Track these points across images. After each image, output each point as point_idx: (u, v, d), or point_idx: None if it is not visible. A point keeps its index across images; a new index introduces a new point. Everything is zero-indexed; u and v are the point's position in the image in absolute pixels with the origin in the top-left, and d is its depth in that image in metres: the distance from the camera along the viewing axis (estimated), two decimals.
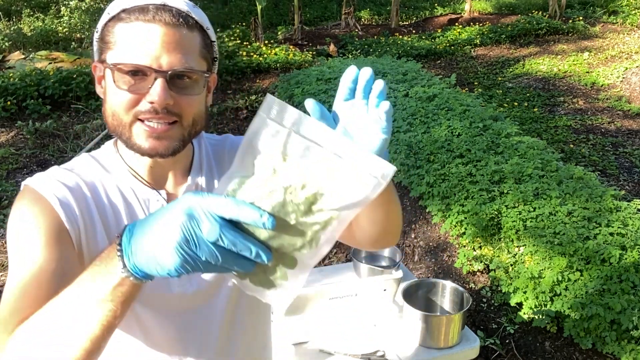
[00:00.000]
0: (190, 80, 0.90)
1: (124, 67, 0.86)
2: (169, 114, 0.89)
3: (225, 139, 1.12)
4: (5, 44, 9.44)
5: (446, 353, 1.81)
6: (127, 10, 0.88)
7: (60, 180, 0.93)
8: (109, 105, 0.91)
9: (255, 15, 9.19)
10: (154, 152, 0.91)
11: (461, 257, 3.27)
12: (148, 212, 0.97)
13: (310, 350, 1.78)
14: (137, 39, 0.86)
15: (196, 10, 0.93)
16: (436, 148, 4.07)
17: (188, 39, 0.89)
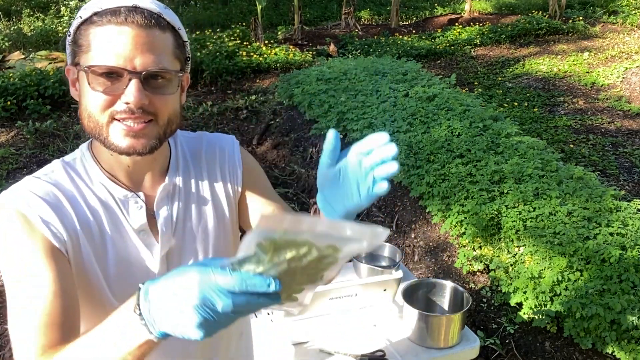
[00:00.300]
0: (164, 80, 0.92)
1: (98, 69, 0.88)
2: (145, 114, 0.90)
3: (200, 137, 1.14)
4: (5, 44, 9.44)
5: (446, 353, 1.81)
6: (99, 13, 0.89)
7: (37, 193, 0.93)
8: (84, 107, 0.92)
9: (255, 15, 9.18)
10: (132, 150, 0.92)
11: (461, 257, 3.27)
12: (127, 213, 0.99)
13: (310, 350, 1.78)
14: (110, 42, 0.87)
15: (167, 12, 0.94)
16: (436, 148, 4.07)
17: (160, 40, 0.90)
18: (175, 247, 1.04)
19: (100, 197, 0.98)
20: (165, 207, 1.02)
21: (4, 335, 2.94)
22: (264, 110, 6.18)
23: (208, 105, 6.24)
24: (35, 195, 0.93)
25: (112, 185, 0.99)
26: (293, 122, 5.61)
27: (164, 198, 1.03)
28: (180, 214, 1.04)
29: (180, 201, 1.05)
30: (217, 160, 1.11)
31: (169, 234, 1.02)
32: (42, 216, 0.91)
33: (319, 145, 4.96)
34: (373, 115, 4.83)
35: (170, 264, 1.03)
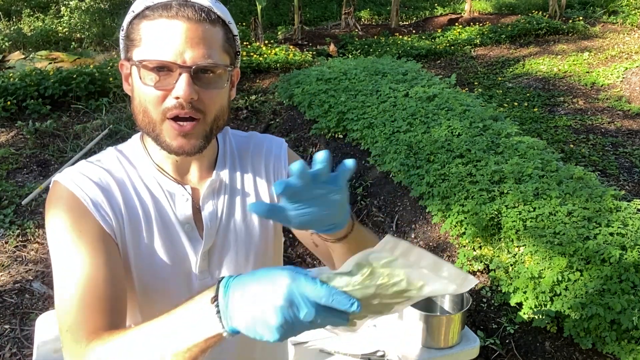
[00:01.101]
0: (214, 74, 0.92)
1: (149, 63, 0.88)
2: (194, 109, 0.90)
3: (250, 137, 1.14)
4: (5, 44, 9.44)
5: (446, 353, 1.81)
6: (151, 7, 0.90)
7: (90, 177, 0.95)
8: (139, 102, 0.92)
9: (255, 15, 9.18)
10: (181, 151, 0.93)
11: (461, 257, 3.27)
12: (174, 206, 1.00)
13: (310, 350, 1.78)
14: (161, 36, 0.88)
15: (218, 5, 0.94)
16: (436, 148, 4.07)
17: (210, 34, 0.90)
18: (217, 243, 1.04)
19: (149, 187, 1.00)
20: (211, 202, 1.03)
21: (4, 335, 2.95)
22: (264, 110, 6.18)
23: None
24: (87, 178, 0.95)
25: (161, 177, 1.00)
26: (293, 122, 5.60)
27: (210, 193, 1.03)
28: (225, 210, 1.05)
29: (226, 197, 1.05)
30: (263, 160, 1.11)
31: (213, 230, 1.03)
32: (93, 199, 0.93)
33: (319, 146, 4.96)
34: (373, 115, 4.83)
35: (211, 261, 1.03)
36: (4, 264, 3.51)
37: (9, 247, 3.67)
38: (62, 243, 0.91)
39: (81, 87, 6.17)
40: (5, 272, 3.45)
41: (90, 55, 8.80)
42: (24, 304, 3.17)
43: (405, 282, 0.70)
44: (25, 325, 3.01)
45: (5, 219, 3.94)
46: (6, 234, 3.79)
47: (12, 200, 4.20)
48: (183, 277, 1.01)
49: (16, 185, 4.49)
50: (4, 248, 3.67)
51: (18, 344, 2.89)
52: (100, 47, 9.65)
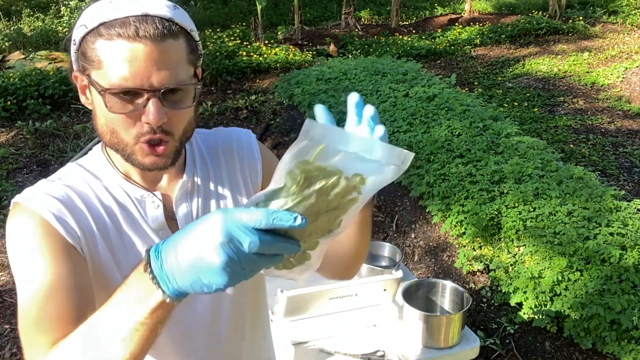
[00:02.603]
0: (183, 92, 0.90)
1: (114, 90, 0.85)
2: (164, 133, 0.89)
3: (215, 133, 1.12)
4: (5, 44, 9.44)
5: (446, 353, 1.81)
6: (107, 24, 0.84)
7: (51, 194, 0.92)
8: (105, 123, 0.89)
9: (255, 15, 9.18)
10: (154, 167, 0.92)
11: (461, 257, 3.27)
12: (144, 212, 0.98)
13: (310, 350, 1.78)
14: (123, 61, 0.83)
15: (178, 12, 0.89)
16: (436, 148, 4.07)
17: (175, 50, 0.86)
18: None
19: (116, 197, 0.97)
20: (185, 205, 1.01)
21: (4, 334, 2.95)
22: (264, 110, 6.18)
23: (208, 105, 6.24)
24: (48, 196, 0.92)
25: (127, 185, 0.98)
26: (293, 122, 5.60)
27: (182, 196, 1.01)
28: (200, 211, 1.02)
29: (200, 198, 1.03)
30: (235, 154, 1.09)
31: None
32: (55, 214, 0.90)
33: None
34: None
35: None
36: (4, 264, 3.51)
37: None
38: (23, 255, 0.88)
39: None
40: (5, 272, 3.45)
41: None
42: None
43: (344, 179, 0.66)
44: None
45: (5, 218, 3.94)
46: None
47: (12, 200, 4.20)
48: None
49: (16, 185, 4.49)
50: (4, 248, 3.67)
51: (18, 344, 2.89)
52: None
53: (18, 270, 0.88)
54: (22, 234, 0.89)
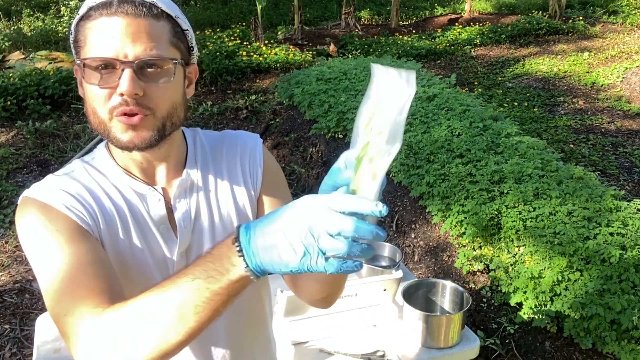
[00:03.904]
0: (161, 69, 0.89)
1: (91, 62, 0.87)
2: (140, 106, 0.88)
3: (223, 135, 1.12)
4: (5, 44, 9.44)
5: (446, 353, 1.81)
6: (93, 7, 0.89)
7: (60, 187, 0.94)
8: (88, 103, 0.91)
9: (255, 15, 9.18)
10: (132, 144, 0.90)
11: (461, 257, 3.27)
12: (147, 207, 0.99)
13: (310, 350, 1.78)
14: (102, 34, 0.87)
15: (164, 0, 0.92)
16: (436, 148, 4.07)
17: (154, 28, 0.88)
18: (193, 244, 1.03)
19: (120, 190, 0.98)
20: (184, 201, 1.02)
21: (4, 335, 2.95)
22: (264, 110, 6.18)
23: (208, 105, 6.24)
24: (56, 188, 0.94)
25: (129, 180, 0.99)
26: (293, 122, 5.60)
27: (181, 192, 1.02)
28: (199, 209, 1.03)
29: (199, 196, 1.04)
30: (239, 156, 1.09)
31: (188, 230, 1.01)
32: (65, 204, 0.91)
33: (319, 145, 4.96)
34: None
35: (188, 261, 1.01)
36: (4, 264, 3.51)
37: (9, 247, 3.67)
38: (39, 243, 0.89)
39: None
40: (5, 272, 3.45)
41: None
42: (24, 304, 3.17)
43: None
44: (25, 325, 3.01)
45: (5, 219, 3.94)
46: (6, 234, 3.79)
47: (12, 200, 4.20)
48: (161, 279, 0.96)
49: (16, 185, 4.49)
50: (4, 248, 3.67)
51: (18, 344, 2.89)
52: None
53: (37, 255, 0.89)
54: (35, 223, 0.90)
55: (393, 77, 0.73)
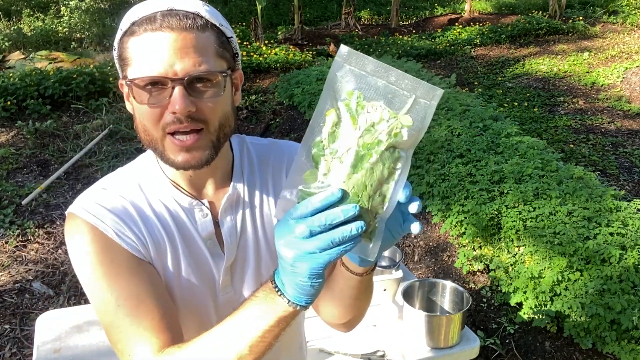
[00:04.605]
0: (211, 82, 0.87)
1: (140, 81, 0.85)
2: (194, 122, 0.86)
3: (271, 144, 1.10)
4: (5, 44, 9.44)
5: (446, 353, 1.81)
6: (136, 22, 0.86)
7: (107, 207, 0.93)
8: (139, 120, 0.89)
9: (255, 15, 9.19)
10: (187, 165, 0.90)
11: (461, 257, 3.27)
12: (195, 222, 0.99)
13: (310, 350, 1.77)
14: (148, 51, 0.84)
15: (207, 8, 0.90)
16: (436, 148, 4.07)
17: (200, 41, 0.86)
18: (238, 258, 1.02)
19: (167, 206, 0.97)
20: (230, 217, 1.00)
21: (4, 335, 2.95)
22: (264, 110, 6.18)
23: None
24: (102, 207, 0.92)
25: (177, 194, 0.98)
26: (293, 122, 5.60)
27: (228, 207, 1.00)
28: (244, 224, 1.02)
29: (245, 211, 1.02)
30: (285, 168, 1.06)
31: (234, 245, 1.01)
32: (113, 228, 0.91)
33: None
34: None
35: (233, 276, 1.02)
36: (4, 264, 3.51)
37: (9, 247, 3.67)
38: (94, 273, 0.89)
39: (81, 87, 6.17)
40: (5, 272, 3.45)
41: (90, 55, 8.79)
42: (24, 304, 3.17)
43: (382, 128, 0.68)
44: (25, 325, 3.01)
45: (5, 219, 3.94)
46: (6, 234, 3.79)
47: (12, 200, 4.20)
48: (209, 293, 1.01)
49: (16, 185, 4.49)
50: (4, 248, 3.67)
51: (18, 344, 2.89)
52: (100, 47, 9.65)
53: (93, 287, 0.89)
54: (89, 251, 0.90)
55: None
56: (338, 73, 0.70)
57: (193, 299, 0.99)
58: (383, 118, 0.69)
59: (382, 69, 0.70)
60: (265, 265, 1.05)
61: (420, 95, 0.70)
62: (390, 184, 0.70)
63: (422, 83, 0.70)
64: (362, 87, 0.69)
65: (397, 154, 0.70)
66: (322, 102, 0.70)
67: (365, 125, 0.68)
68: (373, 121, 0.68)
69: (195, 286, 0.99)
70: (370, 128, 0.68)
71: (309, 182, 0.70)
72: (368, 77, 0.69)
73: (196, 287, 0.99)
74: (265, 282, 0.78)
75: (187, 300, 0.98)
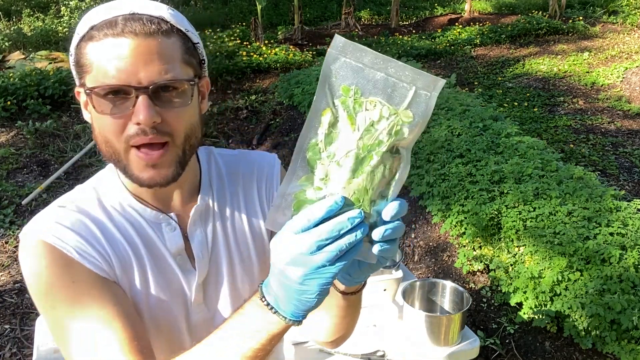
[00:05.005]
0: (177, 91, 0.82)
1: (100, 90, 0.79)
2: (159, 134, 0.81)
3: (240, 156, 1.05)
4: (5, 44, 9.43)
5: (446, 353, 1.81)
6: (96, 27, 0.80)
7: (66, 225, 0.86)
8: (99, 132, 0.84)
9: (255, 15, 9.18)
10: (153, 182, 0.85)
11: (461, 257, 3.27)
12: (161, 235, 0.93)
13: (310, 350, 1.78)
14: (109, 58, 0.78)
15: (172, 13, 0.84)
16: (436, 148, 4.07)
17: (165, 47, 0.81)
18: (211, 273, 0.97)
19: (132, 222, 0.91)
20: (199, 230, 0.95)
21: (4, 335, 2.95)
22: (264, 110, 6.18)
23: (208, 105, 6.24)
24: (62, 226, 0.86)
25: (141, 208, 0.92)
26: (293, 122, 5.60)
27: (196, 220, 0.95)
28: (215, 237, 0.97)
29: (216, 223, 0.97)
30: (255, 178, 1.02)
31: (205, 260, 0.95)
32: (75, 247, 0.85)
33: None
34: None
35: (206, 292, 0.97)
36: (4, 264, 3.51)
37: (9, 247, 3.67)
38: (56, 303, 0.82)
39: None
40: (5, 272, 3.45)
41: None
42: (24, 304, 3.17)
43: (380, 130, 0.65)
44: (25, 325, 3.01)
45: (5, 219, 3.94)
46: (6, 234, 3.79)
47: (12, 200, 4.20)
48: (181, 312, 0.95)
49: (16, 185, 4.49)
50: (4, 248, 3.67)
51: (18, 344, 2.89)
52: None
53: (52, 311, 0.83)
54: (48, 272, 0.83)
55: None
56: (333, 66, 0.66)
57: (164, 319, 0.93)
58: (383, 115, 0.65)
59: (380, 60, 0.65)
60: (240, 280, 0.99)
61: (421, 87, 0.66)
62: (391, 185, 0.68)
63: (422, 74, 0.66)
64: (360, 81, 0.65)
65: (397, 154, 0.68)
66: (317, 101, 0.67)
67: (364, 125, 0.65)
68: (372, 120, 0.65)
69: (166, 305, 0.93)
70: (370, 128, 0.65)
71: (306, 188, 0.67)
72: (365, 69, 0.65)
73: (167, 306, 0.93)
74: (250, 298, 0.74)
75: (157, 320, 0.92)
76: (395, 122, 0.65)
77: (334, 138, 0.66)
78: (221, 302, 0.98)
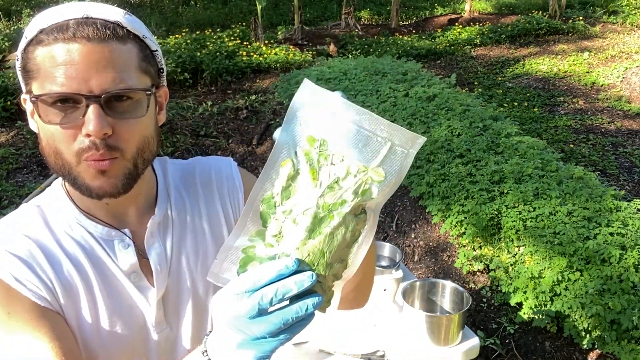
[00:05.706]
0: (131, 101, 0.77)
1: (48, 98, 0.73)
2: (110, 150, 0.76)
3: (193, 162, 1.00)
4: (5, 44, 9.44)
5: (446, 353, 1.81)
6: (45, 30, 0.75)
7: (7, 248, 0.81)
8: (47, 143, 0.78)
9: (255, 15, 9.19)
10: (102, 192, 0.79)
11: (461, 257, 3.27)
12: (113, 254, 0.87)
13: (310, 350, 1.78)
14: (58, 63, 0.73)
15: (128, 18, 0.79)
16: (436, 148, 4.07)
17: (120, 53, 0.75)
18: (170, 288, 0.91)
19: (79, 242, 0.85)
20: (157, 243, 0.89)
21: None
22: (264, 110, 6.18)
23: (208, 105, 6.24)
24: (3, 251, 0.80)
25: (91, 225, 0.85)
26: None
27: (154, 233, 0.90)
28: (175, 249, 0.91)
29: (175, 235, 0.92)
30: (214, 184, 0.97)
31: (164, 274, 0.89)
32: (14, 274, 0.78)
33: None
34: None
35: (166, 308, 0.91)
36: None
37: None
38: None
39: None
40: None
41: None
42: None
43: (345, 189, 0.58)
44: None
45: None
46: None
47: (12, 200, 4.20)
48: (138, 334, 0.89)
49: (16, 185, 4.49)
50: None
51: None
52: None
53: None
54: None
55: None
56: (299, 112, 0.60)
57: (118, 345, 0.87)
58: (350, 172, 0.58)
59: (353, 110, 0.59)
60: (204, 294, 0.94)
61: (397, 143, 0.60)
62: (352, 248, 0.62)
63: (400, 129, 0.60)
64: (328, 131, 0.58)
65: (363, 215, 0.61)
66: (277, 148, 0.60)
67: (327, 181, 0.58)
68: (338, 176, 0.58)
69: (120, 329, 0.86)
70: (334, 185, 0.58)
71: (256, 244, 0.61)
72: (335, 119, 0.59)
73: (120, 330, 0.87)
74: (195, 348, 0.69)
75: (110, 347, 0.86)
76: (364, 181, 0.59)
77: (292, 192, 0.60)
78: (185, 318, 0.93)
